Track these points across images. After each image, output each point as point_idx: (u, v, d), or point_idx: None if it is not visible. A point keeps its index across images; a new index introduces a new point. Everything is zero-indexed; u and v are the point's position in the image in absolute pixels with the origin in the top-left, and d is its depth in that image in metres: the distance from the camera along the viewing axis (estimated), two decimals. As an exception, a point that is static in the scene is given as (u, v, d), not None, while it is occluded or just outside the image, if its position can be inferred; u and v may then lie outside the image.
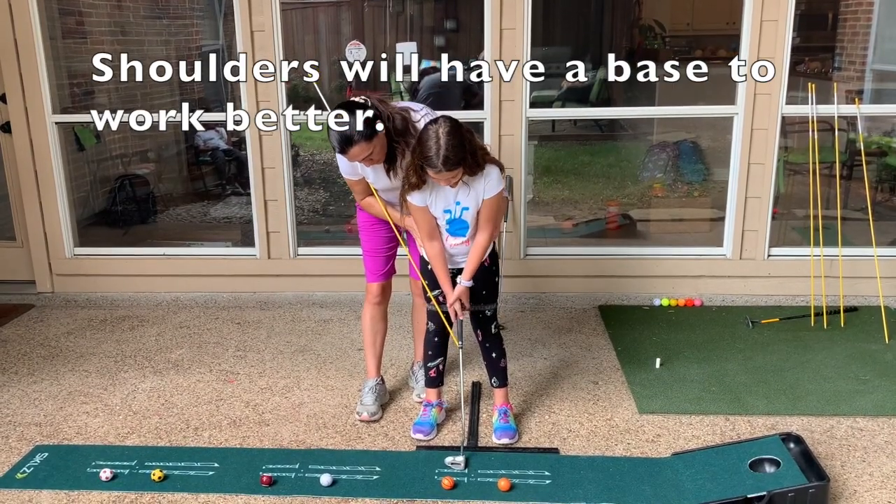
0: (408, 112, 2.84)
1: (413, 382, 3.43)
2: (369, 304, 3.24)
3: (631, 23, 7.73)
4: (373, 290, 3.21)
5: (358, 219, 3.21)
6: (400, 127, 2.78)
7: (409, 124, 2.81)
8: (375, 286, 3.21)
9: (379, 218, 3.09)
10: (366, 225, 3.17)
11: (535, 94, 4.45)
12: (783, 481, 2.50)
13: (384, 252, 3.19)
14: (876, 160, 5.31)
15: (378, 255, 3.18)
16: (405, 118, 2.81)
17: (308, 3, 6.80)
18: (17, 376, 3.67)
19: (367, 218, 3.15)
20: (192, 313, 4.44)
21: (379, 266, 3.19)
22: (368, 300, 3.24)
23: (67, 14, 5.24)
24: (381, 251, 3.18)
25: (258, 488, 2.70)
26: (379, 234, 3.15)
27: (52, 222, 4.69)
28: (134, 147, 6.21)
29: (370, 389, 3.22)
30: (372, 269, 3.20)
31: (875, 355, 3.65)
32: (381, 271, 3.20)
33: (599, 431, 3.05)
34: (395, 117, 2.77)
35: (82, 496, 2.69)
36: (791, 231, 4.84)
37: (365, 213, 3.14)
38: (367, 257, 3.21)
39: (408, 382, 3.48)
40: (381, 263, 3.19)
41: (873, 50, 5.79)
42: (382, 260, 3.19)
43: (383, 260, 3.19)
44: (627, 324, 4.09)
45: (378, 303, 3.23)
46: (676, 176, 5.95)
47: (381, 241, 3.17)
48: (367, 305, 3.25)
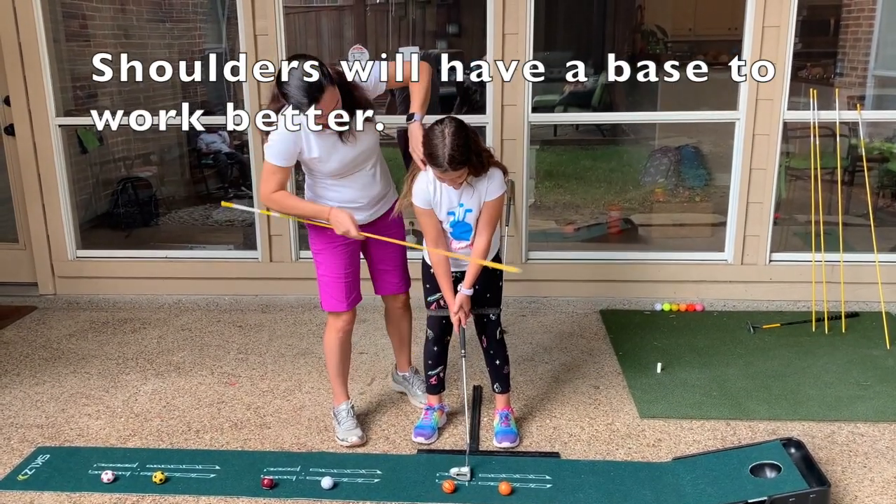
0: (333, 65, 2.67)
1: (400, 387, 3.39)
2: (338, 332, 2.95)
3: (633, 28, 7.74)
4: (343, 318, 2.93)
5: (312, 243, 2.91)
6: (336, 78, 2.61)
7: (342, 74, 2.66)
8: (346, 315, 2.93)
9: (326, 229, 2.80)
10: (327, 247, 2.86)
11: (538, 99, 4.46)
12: (784, 486, 2.50)
13: (350, 275, 2.91)
14: (877, 166, 5.31)
15: (343, 278, 2.89)
16: (336, 69, 2.65)
17: (311, 7, 6.81)
18: (19, 378, 3.67)
19: (325, 240, 2.86)
20: (194, 316, 4.44)
21: (345, 291, 2.90)
22: (336, 328, 2.94)
23: (71, 17, 5.25)
24: (346, 274, 2.90)
25: (259, 491, 2.71)
26: (340, 254, 2.87)
27: (54, 224, 4.70)
28: (136, 150, 6.22)
29: (348, 413, 3.03)
30: (337, 296, 2.90)
31: (876, 361, 3.64)
32: (350, 296, 2.92)
33: (600, 436, 3.05)
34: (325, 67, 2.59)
35: (84, 498, 2.70)
36: (792, 236, 4.85)
37: (322, 234, 2.84)
38: (329, 282, 2.89)
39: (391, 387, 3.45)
40: (346, 288, 2.90)
41: (875, 56, 5.79)
42: (348, 284, 2.90)
43: (348, 284, 2.90)
44: (629, 328, 4.10)
45: (348, 331, 2.98)
46: (678, 181, 5.96)
47: (343, 263, 2.88)
48: (335, 333, 2.95)
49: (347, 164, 2.75)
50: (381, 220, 2.95)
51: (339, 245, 2.87)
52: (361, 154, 2.78)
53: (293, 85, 2.52)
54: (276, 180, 2.70)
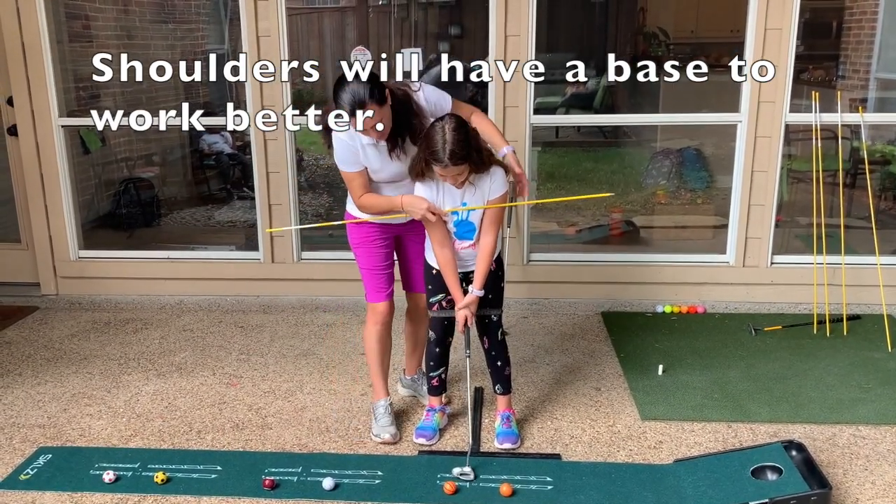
0: (406, 86, 2.75)
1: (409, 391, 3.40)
2: (376, 325, 3.04)
3: (635, 30, 7.74)
4: (380, 310, 3.02)
5: (351, 236, 3.01)
6: (402, 99, 2.68)
7: (410, 99, 2.72)
8: (383, 305, 3.02)
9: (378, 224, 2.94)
10: (363, 241, 2.98)
11: (539, 101, 4.46)
12: (785, 489, 2.50)
13: (387, 268, 3.02)
14: (879, 168, 5.31)
15: (381, 271, 3.00)
16: (405, 92, 2.72)
17: (314, 9, 6.82)
18: (21, 378, 3.68)
19: (362, 233, 2.97)
20: (196, 316, 4.45)
21: (383, 283, 3.01)
22: (375, 321, 3.04)
23: (74, 18, 5.26)
24: (384, 267, 3.01)
25: (260, 492, 2.71)
26: (378, 249, 2.98)
27: (57, 225, 4.71)
28: (139, 150, 6.23)
29: (385, 410, 3.07)
30: (376, 288, 3.01)
31: (878, 363, 3.64)
32: (388, 289, 3.03)
33: (602, 437, 3.05)
34: (395, 90, 2.67)
35: (85, 498, 2.70)
36: (794, 239, 4.85)
37: (360, 228, 2.95)
38: (368, 275, 3.01)
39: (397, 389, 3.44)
40: (385, 280, 3.01)
41: (877, 58, 5.79)
42: (386, 276, 3.02)
43: (387, 276, 3.02)
44: (630, 330, 4.10)
45: (386, 322, 3.05)
46: (680, 183, 5.96)
47: (381, 256, 2.99)
48: (373, 326, 3.05)
49: (395, 175, 2.83)
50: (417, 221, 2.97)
51: (376, 239, 2.97)
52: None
53: (342, 93, 2.58)
54: (357, 184, 2.81)
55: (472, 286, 2.82)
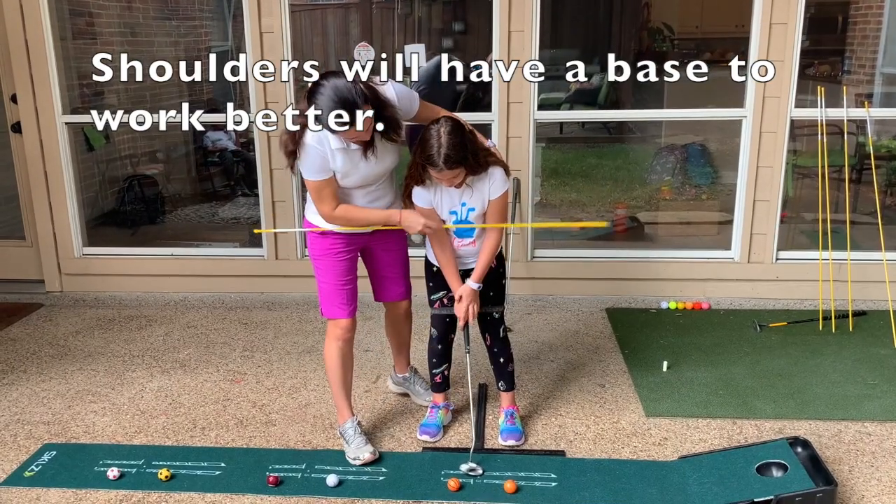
0: (370, 81, 2.60)
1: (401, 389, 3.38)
2: (337, 341, 2.89)
3: (640, 25, 7.72)
4: (343, 326, 2.88)
5: (312, 248, 2.87)
6: (370, 94, 2.53)
7: (377, 92, 2.57)
8: (346, 322, 2.88)
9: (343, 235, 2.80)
10: (326, 253, 2.83)
11: (544, 97, 4.46)
12: (791, 485, 2.49)
13: (350, 282, 2.88)
14: (885, 164, 5.29)
15: (344, 286, 2.86)
16: (370, 87, 2.56)
17: (317, 5, 6.81)
18: (25, 375, 3.68)
19: (325, 245, 2.82)
20: (200, 313, 4.45)
21: (346, 298, 2.87)
22: (336, 336, 2.89)
23: (77, 15, 5.27)
24: (347, 281, 2.86)
25: (265, 488, 2.71)
26: (341, 263, 2.84)
27: (61, 222, 4.71)
28: (143, 147, 6.24)
29: (355, 431, 2.92)
30: (338, 303, 2.86)
31: (884, 360, 3.63)
32: (350, 305, 2.89)
33: (606, 434, 3.04)
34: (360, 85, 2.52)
35: (90, 495, 2.71)
36: (799, 235, 4.83)
37: (322, 239, 2.82)
38: (330, 289, 2.86)
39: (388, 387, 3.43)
40: (347, 296, 2.87)
41: (883, 53, 5.76)
42: (349, 291, 2.87)
43: (350, 291, 2.88)
44: (634, 327, 4.09)
45: (348, 339, 2.92)
46: (684, 179, 5.94)
47: (344, 269, 2.84)
48: (334, 342, 2.90)
49: (367, 178, 2.72)
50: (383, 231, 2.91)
51: (340, 252, 2.84)
52: (383, 171, 2.77)
53: (325, 97, 2.47)
54: (327, 194, 2.67)
55: (470, 279, 2.82)
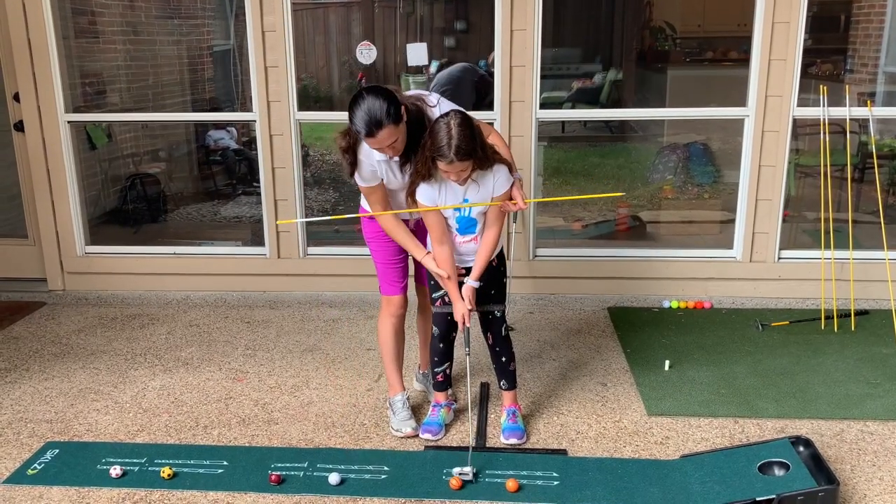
0: (421, 101, 2.75)
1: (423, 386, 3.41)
2: (390, 317, 3.08)
3: (642, 24, 7.71)
4: (395, 302, 3.06)
5: (366, 231, 3.07)
6: (415, 116, 2.69)
7: (424, 114, 2.72)
8: (398, 298, 3.06)
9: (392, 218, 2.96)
10: (376, 235, 3.02)
11: (546, 95, 4.45)
12: (792, 484, 2.49)
13: (401, 261, 3.05)
14: (888, 163, 5.28)
15: (395, 264, 3.04)
16: (419, 108, 2.72)
17: (319, 4, 6.81)
18: (28, 373, 3.69)
19: (376, 227, 3.00)
20: (202, 312, 4.45)
21: (398, 276, 3.06)
22: (389, 312, 3.08)
23: (80, 13, 5.27)
24: (398, 260, 3.04)
25: (267, 487, 2.71)
26: (392, 243, 3.00)
27: (63, 220, 4.72)
28: (145, 146, 6.24)
29: (403, 405, 3.10)
30: (390, 280, 3.06)
31: (886, 359, 3.63)
32: (402, 282, 3.06)
33: (608, 433, 3.04)
34: (409, 106, 2.68)
35: (92, 493, 2.71)
36: (802, 234, 4.82)
37: (373, 222, 2.99)
38: (383, 269, 3.06)
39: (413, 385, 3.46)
40: (399, 273, 3.06)
41: (886, 52, 5.75)
42: (400, 269, 3.06)
43: (401, 269, 3.06)
44: (636, 326, 4.09)
45: (400, 315, 3.08)
46: (686, 178, 5.94)
47: (395, 249, 3.01)
48: (388, 318, 3.09)
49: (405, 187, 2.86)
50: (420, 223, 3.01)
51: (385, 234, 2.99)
52: None
53: (358, 114, 2.59)
54: (375, 199, 2.87)
55: (469, 278, 2.82)
